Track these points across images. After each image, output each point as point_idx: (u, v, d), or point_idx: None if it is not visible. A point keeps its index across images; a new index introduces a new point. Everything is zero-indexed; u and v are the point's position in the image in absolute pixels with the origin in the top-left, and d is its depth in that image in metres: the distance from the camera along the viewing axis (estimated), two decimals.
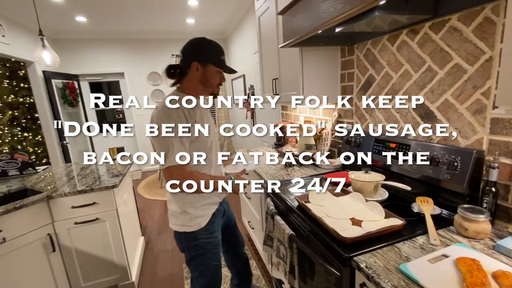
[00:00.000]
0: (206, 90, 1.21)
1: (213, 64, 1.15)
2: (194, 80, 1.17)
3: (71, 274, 1.81)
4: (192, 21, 4.42)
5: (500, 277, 0.66)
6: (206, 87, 1.19)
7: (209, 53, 1.15)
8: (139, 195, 4.13)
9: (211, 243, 1.26)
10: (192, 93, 1.19)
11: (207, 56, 1.14)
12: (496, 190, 0.93)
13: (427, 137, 1.22)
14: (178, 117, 1.08)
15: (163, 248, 2.59)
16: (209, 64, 1.15)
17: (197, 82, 1.17)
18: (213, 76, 1.17)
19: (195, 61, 1.13)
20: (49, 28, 4.19)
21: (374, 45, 1.47)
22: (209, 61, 1.14)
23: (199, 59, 1.14)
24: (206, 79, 1.17)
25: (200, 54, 1.15)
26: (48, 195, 1.66)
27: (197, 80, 1.17)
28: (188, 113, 1.12)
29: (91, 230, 1.79)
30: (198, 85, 1.18)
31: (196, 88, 1.19)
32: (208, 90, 1.21)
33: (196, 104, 1.18)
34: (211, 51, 1.15)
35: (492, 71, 0.93)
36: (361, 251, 0.86)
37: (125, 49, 5.00)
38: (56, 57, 2.48)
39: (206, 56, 1.14)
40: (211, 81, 1.18)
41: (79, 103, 4.58)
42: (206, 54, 1.15)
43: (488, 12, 0.91)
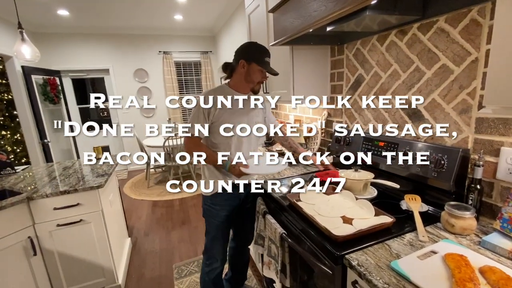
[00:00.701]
0: (247, 86, 1.40)
1: (256, 63, 1.32)
2: (239, 76, 1.37)
3: (54, 278, 1.74)
4: (180, 17, 4.34)
5: (487, 272, 0.68)
6: (247, 82, 1.37)
7: (254, 53, 1.33)
8: (125, 195, 4.02)
9: (211, 212, 1.49)
10: (235, 87, 1.40)
11: (253, 56, 1.32)
12: (481, 187, 0.96)
13: (415, 136, 1.25)
14: (205, 99, 1.32)
15: (151, 249, 2.53)
16: (253, 62, 1.32)
17: (242, 78, 1.36)
18: (255, 73, 1.34)
19: (242, 59, 1.33)
20: (29, 21, 4.00)
21: (364, 45, 1.48)
22: (253, 60, 1.32)
23: (245, 58, 1.33)
24: (249, 75, 1.34)
25: (247, 53, 1.34)
26: (28, 196, 1.58)
27: (242, 76, 1.36)
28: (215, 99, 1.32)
29: (75, 232, 1.73)
30: (242, 80, 1.37)
31: (240, 83, 1.39)
32: (249, 86, 1.39)
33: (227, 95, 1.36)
34: (256, 52, 1.33)
35: (478, 72, 0.96)
36: (353, 249, 0.86)
37: (111, 44, 4.84)
38: (36, 52, 2.37)
39: (252, 55, 1.33)
40: (252, 78, 1.35)
41: (61, 100, 4.40)
42: (252, 53, 1.33)
43: (475, 14, 0.94)
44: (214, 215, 1.50)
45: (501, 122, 0.91)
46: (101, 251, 1.82)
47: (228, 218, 1.52)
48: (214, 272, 1.57)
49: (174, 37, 5.19)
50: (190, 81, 5.55)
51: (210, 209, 1.49)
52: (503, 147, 0.92)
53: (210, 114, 1.33)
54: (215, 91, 1.38)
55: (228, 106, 1.36)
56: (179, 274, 2.13)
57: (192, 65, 5.49)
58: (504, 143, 0.92)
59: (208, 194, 1.47)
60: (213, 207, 1.48)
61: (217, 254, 1.56)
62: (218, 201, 1.48)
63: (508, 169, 0.91)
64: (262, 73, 1.35)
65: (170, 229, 2.91)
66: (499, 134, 0.92)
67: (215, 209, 1.48)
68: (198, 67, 5.52)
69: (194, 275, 2.11)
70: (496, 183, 0.96)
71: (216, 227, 1.52)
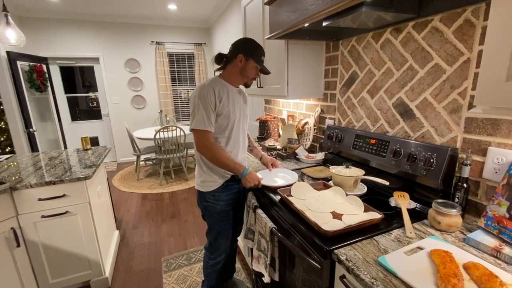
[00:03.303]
0: (241, 80, 1.42)
1: (254, 60, 1.35)
2: (235, 69, 1.38)
3: (38, 270, 1.70)
4: (174, 7, 4.24)
5: (471, 268, 0.69)
6: (242, 77, 1.40)
7: (254, 50, 1.36)
8: (114, 187, 3.96)
9: (215, 209, 1.47)
10: (229, 80, 1.41)
11: (252, 53, 1.35)
12: (467, 186, 0.98)
13: (406, 134, 1.26)
14: (209, 92, 1.31)
15: (140, 242, 2.51)
16: (251, 59, 1.35)
17: (237, 71, 1.38)
18: (251, 70, 1.37)
19: (241, 53, 1.34)
20: (15, 4, 3.84)
21: (359, 41, 1.48)
22: (252, 56, 1.35)
23: (244, 53, 1.35)
24: (245, 70, 1.37)
25: (247, 49, 1.36)
26: (12, 186, 1.53)
27: (237, 70, 1.38)
28: (218, 91, 1.33)
29: (60, 224, 1.69)
30: (236, 74, 1.39)
31: (234, 76, 1.40)
32: (243, 80, 1.42)
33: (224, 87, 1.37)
34: (255, 50, 1.36)
35: (469, 72, 0.97)
36: (341, 244, 0.87)
37: (101, 32, 4.70)
38: (22, 36, 2.27)
39: (251, 52, 1.35)
40: (248, 73, 1.38)
41: (47, 88, 4.26)
42: (251, 50, 1.35)
43: (469, 15, 0.95)
44: (218, 211, 1.47)
45: (490, 123, 0.93)
46: (87, 243, 1.79)
47: (231, 212, 1.52)
48: (218, 265, 1.58)
49: (167, 28, 5.08)
50: (183, 73, 5.47)
51: (213, 205, 1.46)
52: (490, 147, 0.94)
53: (216, 107, 1.33)
54: (214, 83, 1.35)
55: (228, 98, 1.36)
56: (168, 267, 2.12)
57: (186, 57, 5.39)
58: (491, 143, 0.93)
59: (209, 190, 1.44)
60: (216, 203, 1.46)
61: (223, 248, 1.56)
62: (222, 196, 1.46)
63: (494, 168, 0.93)
64: (257, 70, 1.39)
65: (160, 222, 2.89)
66: (487, 134, 0.94)
67: (219, 205, 1.46)
68: (191, 59, 5.43)
69: (183, 268, 2.10)
70: (482, 182, 0.98)
71: (221, 222, 1.50)
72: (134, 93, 5.10)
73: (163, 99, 5.22)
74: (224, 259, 1.59)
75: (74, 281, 1.81)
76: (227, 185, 1.46)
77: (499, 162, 0.91)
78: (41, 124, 4.20)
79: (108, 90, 4.94)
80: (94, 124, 5.14)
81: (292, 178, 1.44)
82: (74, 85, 5.04)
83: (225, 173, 1.44)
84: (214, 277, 1.62)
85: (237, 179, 1.46)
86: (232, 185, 1.48)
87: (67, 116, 4.89)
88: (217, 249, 1.56)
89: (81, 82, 5.13)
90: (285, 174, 1.52)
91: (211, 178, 1.43)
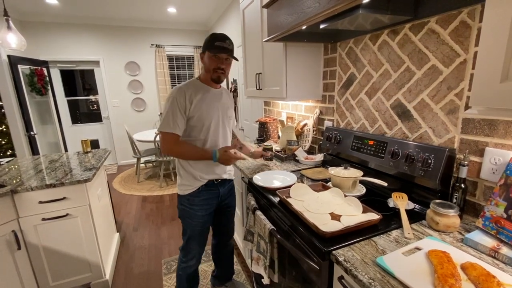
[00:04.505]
0: (208, 76, 1.37)
1: (208, 50, 1.31)
2: (203, 69, 1.38)
3: (39, 273, 1.70)
4: (174, 10, 4.27)
5: (468, 268, 0.70)
6: (206, 72, 1.36)
7: (207, 42, 1.31)
8: (114, 190, 3.97)
9: (189, 213, 1.45)
10: (203, 80, 1.39)
11: (205, 45, 1.32)
12: (465, 186, 0.98)
13: (404, 135, 1.27)
14: (179, 95, 1.29)
15: (140, 245, 2.51)
16: (206, 51, 1.32)
17: (203, 69, 1.38)
18: (208, 61, 1.32)
19: (201, 52, 1.36)
20: (16, 8, 3.86)
21: (356, 43, 1.49)
22: (206, 48, 1.32)
23: (202, 50, 1.35)
24: (205, 64, 1.35)
25: (203, 44, 1.34)
26: (13, 189, 1.54)
27: (203, 68, 1.37)
28: (190, 94, 1.31)
29: (61, 227, 1.69)
30: (204, 72, 1.38)
31: (204, 75, 1.39)
32: (208, 76, 1.37)
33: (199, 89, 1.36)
34: (208, 39, 1.31)
35: (466, 73, 0.98)
36: (340, 245, 0.87)
37: (101, 36, 4.73)
38: (23, 40, 2.29)
39: (205, 44, 1.32)
40: (207, 66, 1.34)
41: (48, 91, 4.29)
42: (205, 43, 1.33)
43: (465, 16, 0.96)
44: (191, 215, 1.45)
45: (486, 123, 0.94)
46: (88, 246, 1.79)
47: (206, 218, 1.49)
48: (190, 269, 1.56)
49: (167, 30, 5.11)
50: (183, 75, 5.49)
51: (188, 209, 1.45)
52: (487, 147, 0.94)
53: (186, 110, 1.30)
54: (187, 85, 1.34)
55: (201, 100, 1.33)
56: (168, 269, 2.12)
57: (185, 60, 5.42)
58: (488, 144, 0.94)
59: (185, 194, 1.43)
60: (190, 208, 1.44)
61: (195, 253, 1.54)
62: (197, 201, 1.44)
63: (491, 169, 0.93)
64: (216, 59, 1.31)
65: (160, 224, 2.89)
66: (484, 135, 0.95)
67: (193, 210, 1.44)
68: (191, 61, 5.46)
69: None
70: (479, 182, 0.99)
71: (193, 227, 1.48)
72: (134, 96, 5.12)
73: (163, 102, 5.24)
74: (196, 264, 1.57)
75: (75, 283, 1.82)
76: (203, 190, 1.43)
77: (496, 163, 0.91)
78: (41, 127, 4.22)
79: (108, 93, 4.95)
80: (95, 127, 5.15)
81: (291, 180, 1.45)
82: (75, 88, 5.07)
83: (200, 177, 1.41)
84: (184, 280, 1.59)
85: (216, 183, 1.46)
86: (209, 190, 1.45)
87: (67, 119, 4.91)
88: (188, 252, 1.54)
89: (81, 85, 5.16)
90: (284, 176, 1.53)
91: (187, 181, 1.42)
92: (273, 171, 1.60)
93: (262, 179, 1.47)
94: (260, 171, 1.62)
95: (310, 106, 2.02)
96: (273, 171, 1.60)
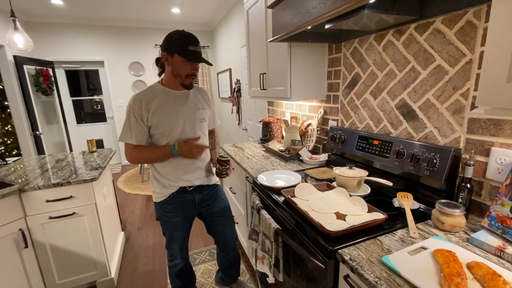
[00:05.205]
0: (176, 81, 1.25)
1: (178, 54, 1.17)
2: (168, 71, 1.24)
3: (45, 271, 1.73)
4: (178, 10, 4.29)
5: (474, 267, 0.70)
6: (175, 77, 1.23)
7: (176, 43, 1.18)
8: (118, 189, 4.00)
9: (163, 219, 1.44)
10: (167, 84, 1.28)
11: (174, 46, 1.18)
12: (471, 186, 0.98)
13: (409, 135, 1.27)
14: (134, 103, 1.22)
15: (144, 244, 2.53)
16: (176, 53, 1.18)
17: (169, 72, 1.24)
18: (180, 66, 1.20)
19: (164, 51, 1.20)
20: (22, 9, 3.91)
21: (361, 43, 1.49)
22: (175, 50, 1.17)
23: (167, 50, 1.19)
24: (174, 68, 1.21)
25: (169, 44, 1.19)
26: (20, 188, 1.56)
27: (169, 71, 1.24)
28: (147, 101, 1.23)
29: (67, 225, 1.71)
30: (170, 75, 1.25)
31: (169, 78, 1.26)
32: (178, 81, 1.25)
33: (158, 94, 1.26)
34: (179, 41, 1.18)
35: (472, 73, 0.98)
36: (345, 244, 0.88)
37: (106, 36, 4.77)
38: (29, 41, 2.32)
39: (173, 46, 1.18)
40: (178, 71, 1.21)
41: (53, 91, 4.33)
42: (173, 44, 1.18)
43: (470, 16, 0.96)
44: (166, 221, 1.43)
45: (492, 123, 0.94)
46: (94, 245, 1.81)
47: (182, 224, 1.45)
48: (176, 267, 1.56)
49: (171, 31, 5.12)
50: None
51: (162, 216, 1.43)
52: (493, 147, 0.94)
53: (143, 118, 1.22)
54: (144, 92, 1.25)
55: (160, 107, 1.23)
56: None
57: None
58: (494, 144, 0.94)
59: (156, 201, 1.41)
60: (164, 214, 1.42)
61: (176, 253, 1.53)
62: (169, 208, 1.40)
63: (497, 168, 0.93)
64: (189, 64, 1.20)
65: None
66: (490, 135, 0.95)
67: (167, 216, 1.42)
68: None
69: None
70: (485, 182, 0.99)
71: (170, 231, 1.46)
72: None
73: None
74: (181, 263, 1.55)
75: (81, 281, 1.84)
76: (175, 197, 1.39)
77: (502, 163, 0.91)
78: (47, 127, 4.26)
79: (113, 93, 4.99)
80: (99, 126, 5.19)
81: (295, 179, 1.45)
82: (79, 88, 5.11)
83: (170, 185, 1.36)
84: (174, 278, 1.59)
85: (190, 190, 1.40)
86: (182, 197, 1.40)
87: (72, 119, 4.96)
88: (170, 253, 1.54)
89: (86, 86, 5.20)
90: (288, 176, 1.53)
91: (158, 189, 1.38)
92: (277, 171, 1.61)
93: (266, 179, 1.48)
94: (265, 171, 1.63)
95: (314, 106, 2.03)
96: (277, 171, 1.61)
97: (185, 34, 1.19)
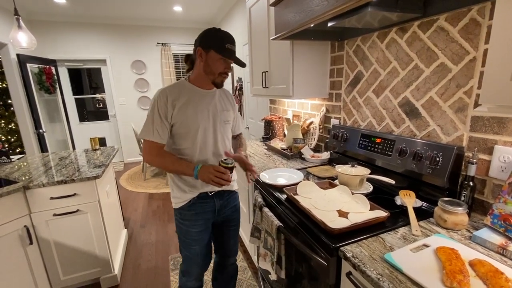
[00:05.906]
0: (207, 78, 1.19)
1: (215, 51, 1.12)
2: (198, 68, 1.19)
3: (50, 267, 1.75)
4: (180, 9, 4.29)
5: (476, 265, 0.70)
6: (207, 74, 1.18)
7: (213, 39, 1.13)
8: (121, 187, 4.02)
9: (181, 228, 1.32)
10: (197, 82, 1.22)
11: (211, 42, 1.13)
12: (473, 184, 0.98)
13: (412, 133, 1.27)
14: (160, 99, 1.15)
15: (147, 241, 2.55)
16: (212, 50, 1.12)
17: (201, 69, 1.18)
18: (214, 63, 1.14)
19: (199, 46, 1.14)
20: (25, 8, 3.92)
21: (364, 41, 1.49)
22: (211, 47, 1.12)
23: (202, 45, 1.14)
24: (208, 65, 1.15)
25: (205, 40, 1.14)
26: (25, 185, 1.58)
27: (200, 68, 1.18)
28: (173, 98, 1.17)
29: (71, 222, 1.73)
30: (201, 72, 1.19)
31: (199, 75, 1.20)
32: (209, 78, 1.19)
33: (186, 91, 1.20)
34: (216, 37, 1.13)
35: (475, 71, 0.97)
36: (348, 241, 0.88)
37: (108, 35, 4.78)
38: (33, 39, 2.33)
39: (210, 42, 1.13)
40: (212, 68, 1.15)
41: (56, 90, 4.35)
42: (210, 40, 1.13)
43: (474, 14, 0.95)
44: (184, 232, 1.30)
45: (496, 121, 0.93)
46: (97, 242, 1.83)
47: (202, 235, 1.31)
48: (189, 285, 1.40)
49: (173, 29, 5.14)
50: None
51: (180, 225, 1.30)
52: (497, 145, 0.94)
53: (168, 115, 1.16)
54: (172, 88, 1.19)
55: (186, 104, 1.18)
56: (175, 265, 2.15)
57: None
58: (497, 142, 0.94)
59: (176, 207, 1.29)
60: (182, 223, 1.29)
61: (194, 275, 1.37)
62: (188, 216, 1.28)
63: (500, 167, 0.93)
64: (224, 62, 1.15)
65: (166, 221, 2.93)
66: (493, 133, 0.94)
67: (185, 225, 1.29)
68: None
69: None
70: (488, 180, 0.98)
71: (188, 247, 1.31)
72: (140, 94, 5.17)
73: None
74: (196, 284, 1.40)
75: (84, 278, 1.86)
76: (195, 202, 1.27)
77: (505, 161, 0.91)
78: (50, 125, 4.29)
79: (115, 92, 5.01)
80: (101, 125, 5.22)
81: (297, 177, 1.46)
82: (82, 86, 5.14)
83: (190, 190, 1.25)
84: None
85: (211, 195, 1.29)
86: (202, 202, 1.28)
87: (75, 117, 4.98)
88: (186, 273, 1.38)
89: (88, 84, 5.22)
90: (290, 174, 1.54)
91: (177, 194, 1.27)
92: (280, 169, 1.61)
93: (269, 177, 1.49)
94: (267, 169, 1.63)
95: (317, 104, 2.03)
96: (280, 169, 1.61)
97: (223, 31, 1.15)
